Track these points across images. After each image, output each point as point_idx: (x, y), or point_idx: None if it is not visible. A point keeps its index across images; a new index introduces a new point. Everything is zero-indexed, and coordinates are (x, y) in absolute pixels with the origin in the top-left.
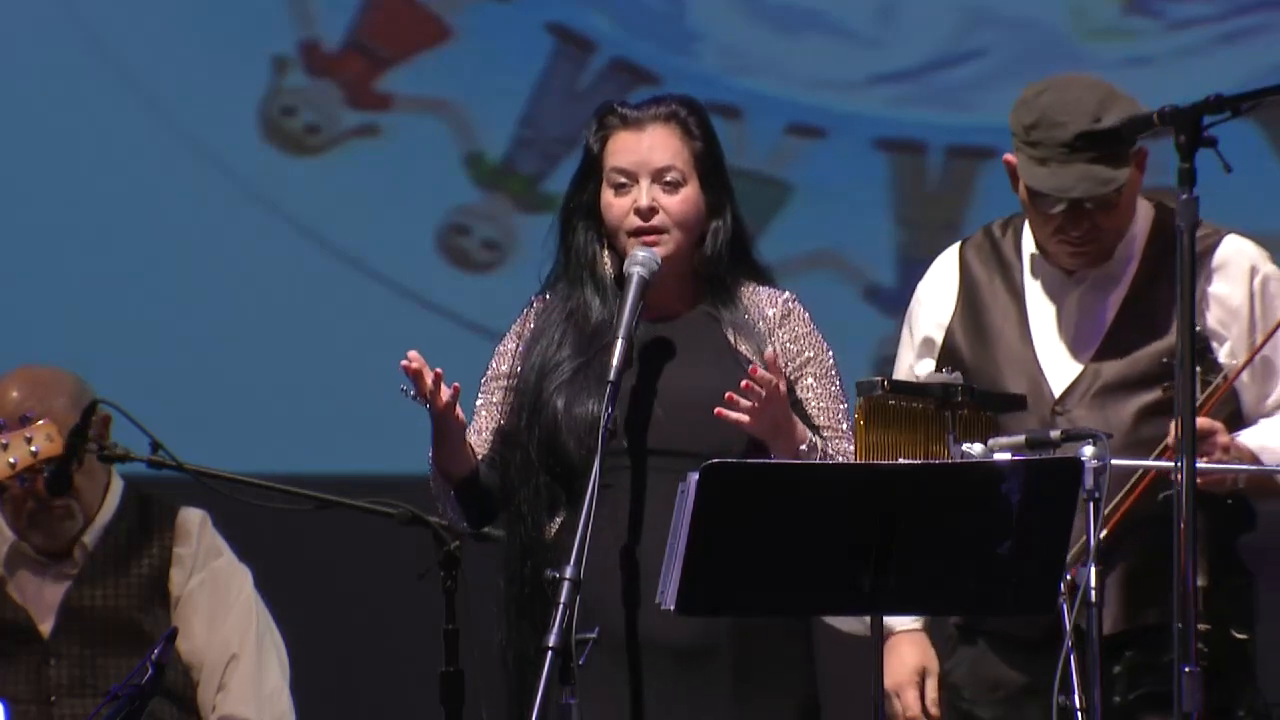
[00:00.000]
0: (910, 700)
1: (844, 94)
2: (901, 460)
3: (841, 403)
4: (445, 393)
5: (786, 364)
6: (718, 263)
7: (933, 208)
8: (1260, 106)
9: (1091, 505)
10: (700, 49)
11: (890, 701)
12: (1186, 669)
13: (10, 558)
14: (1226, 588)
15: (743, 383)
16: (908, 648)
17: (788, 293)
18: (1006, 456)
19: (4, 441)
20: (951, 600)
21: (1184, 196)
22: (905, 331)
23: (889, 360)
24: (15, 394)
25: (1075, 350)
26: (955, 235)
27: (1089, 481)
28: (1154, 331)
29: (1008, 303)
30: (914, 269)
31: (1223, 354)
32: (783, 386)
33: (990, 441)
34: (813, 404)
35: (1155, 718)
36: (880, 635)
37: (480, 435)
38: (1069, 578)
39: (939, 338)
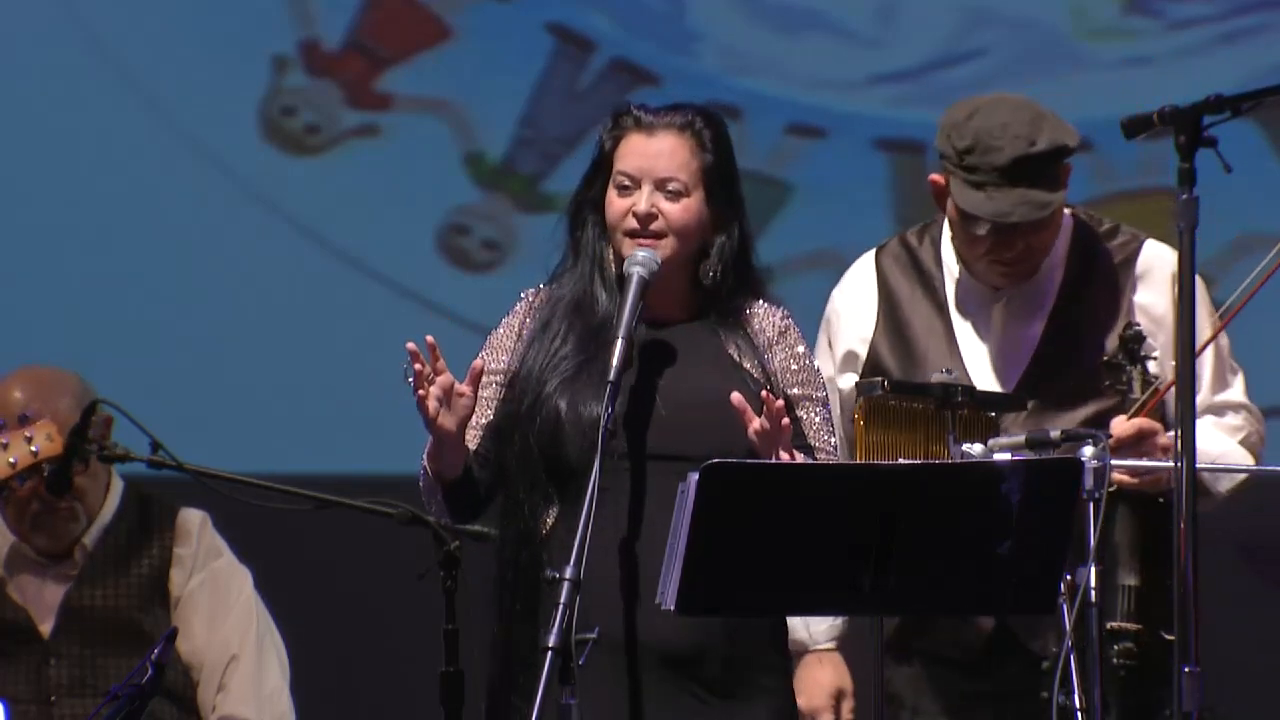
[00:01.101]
0: None
1: (844, 94)
2: (901, 460)
3: (831, 419)
4: (431, 405)
5: (784, 382)
6: (722, 278)
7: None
8: (1260, 106)
9: (1091, 505)
10: (700, 49)
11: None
12: (1186, 669)
13: (10, 558)
14: (1158, 589)
15: (763, 393)
16: (824, 669)
17: (782, 309)
18: (1006, 456)
19: (4, 441)
20: (951, 600)
21: (1184, 196)
22: (823, 341)
23: None
24: (18, 394)
25: (1007, 367)
26: None
27: (1089, 481)
28: (1085, 343)
29: (932, 317)
30: None
31: (1151, 364)
32: (788, 422)
33: (990, 441)
34: (809, 426)
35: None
36: (881, 636)
37: (470, 431)
38: (1069, 578)
39: (862, 352)
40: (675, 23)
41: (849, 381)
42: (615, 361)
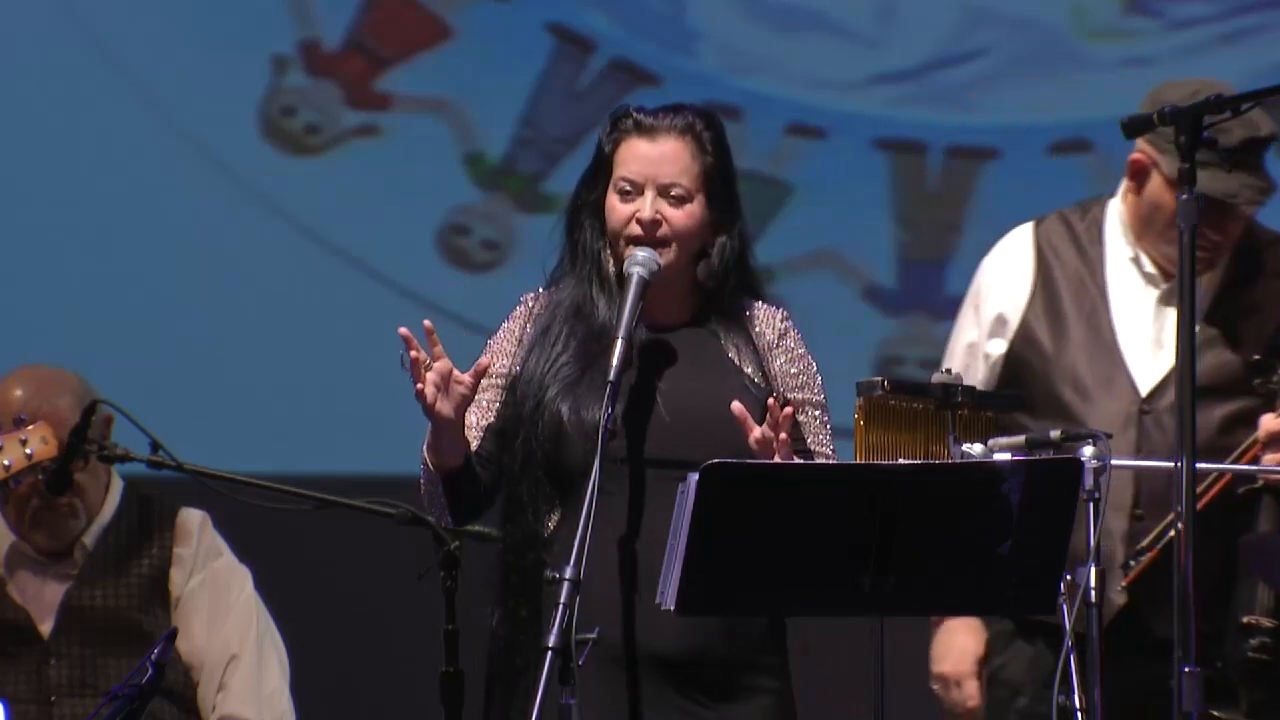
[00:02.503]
0: (973, 691)
1: (844, 94)
2: (901, 460)
3: (829, 426)
4: (429, 391)
5: (783, 386)
6: (723, 280)
7: (933, 208)
8: (1260, 106)
9: (1091, 505)
10: (700, 49)
11: (946, 687)
12: (1186, 669)
13: (10, 558)
14: None
15: (770, 400)
16: (967, 636)
17: (781, 310)
18: (1006, 456)
19: None
20: (951, 600)
21: (1184, 197)
22: (968, 308)
23: (889, 360)
24: (17, 393)
25: (1162, 353)
26: (956, 235)
27: (1089, 481)
28: (1240, 337)
29: (1089, 293)
30: (914, 269)
31: None
32: (785, 437)
33: (990, 441)
34: (807, 430)
35: (1213, 707)
36: (881, 635)
37: (470, 431)
38: (1069, 578)
39: (1014, 319)
40: (675, 23)
41: (997, 348)
42: (615, 361)
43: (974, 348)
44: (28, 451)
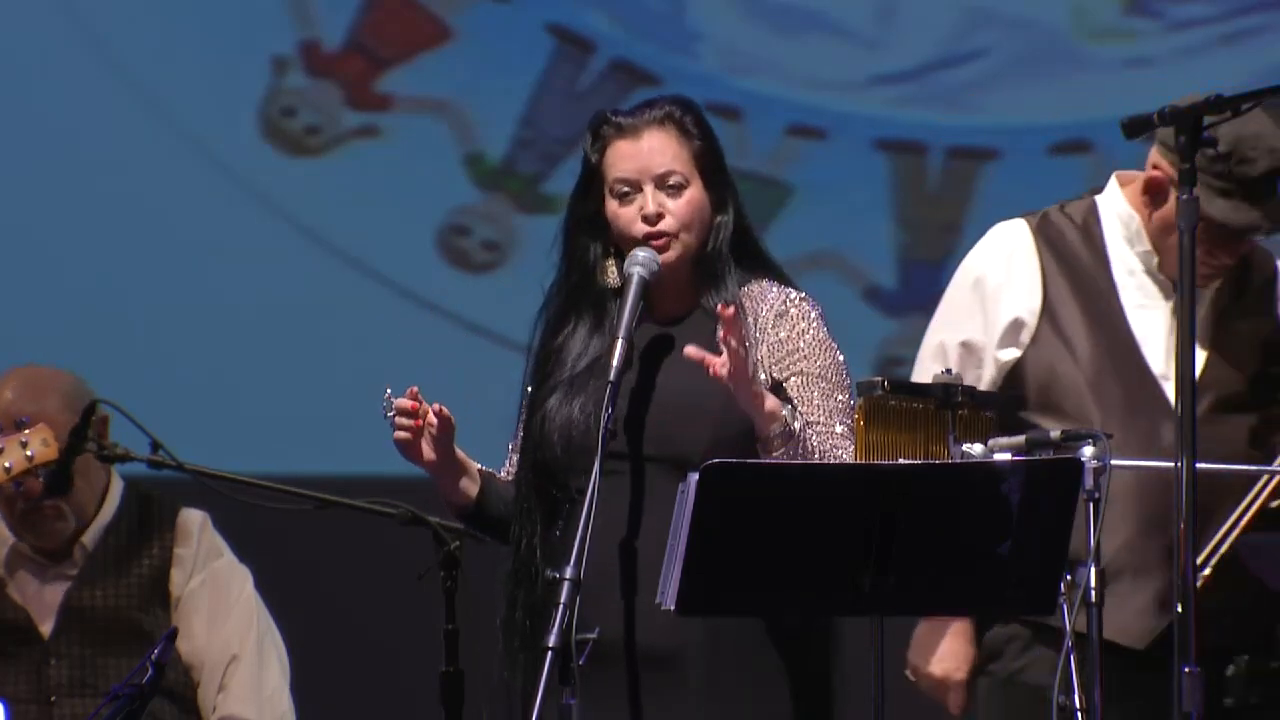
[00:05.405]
0: (960, 701)
1: (844, 94)
2: (901, 460)
3: (837, 403)
4: (399, 433)
5: (774, 364)
6: (716, 257)
7: (933, 208)
8: (1260, 107)
9: (1091, 505)
10: (700, 49)
11: (940, 689)
12: (1186, 669)
13: (10, 558)
14: None
15: (719, 307)
16: (964, 641)
17: (797, 293)
18: (1006, 456)
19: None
20: (952, 600)
21: (1184, 197)
22: (969, 304)
23: (889, 360)
24: (9, 394)
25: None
26: (956, 235)
27: (1089, 481)
28: (1248, 349)
29: (1103, 298)
30: (914, 269)
31: None
32: (738, 345)
33: (990, 441)
34: (801, 403)
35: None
36: (880, 635)
37: (511, 456)
38: (1067, 578)
39: (1032, 322)
40: (675, 23)
41: (1011, 354)
42: (615, 362)
43: (971, 347)
44: (28, 454)
